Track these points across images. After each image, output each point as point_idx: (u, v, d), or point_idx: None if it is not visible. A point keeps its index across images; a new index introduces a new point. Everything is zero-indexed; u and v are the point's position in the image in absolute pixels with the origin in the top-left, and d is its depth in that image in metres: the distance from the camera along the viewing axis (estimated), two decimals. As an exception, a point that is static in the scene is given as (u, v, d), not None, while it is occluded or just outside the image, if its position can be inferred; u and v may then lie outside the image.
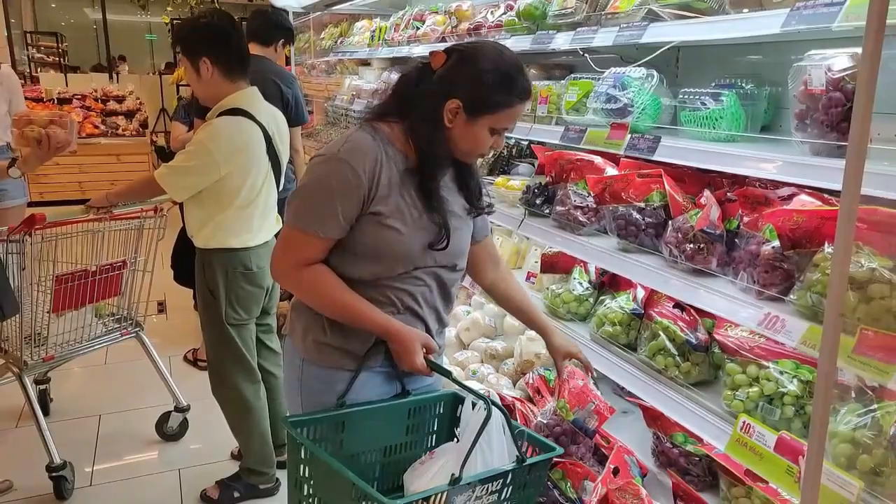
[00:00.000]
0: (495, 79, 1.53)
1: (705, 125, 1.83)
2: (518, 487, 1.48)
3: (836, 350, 1.19)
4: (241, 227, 2.57)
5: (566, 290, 2.41)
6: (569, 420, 2.01)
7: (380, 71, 4.44)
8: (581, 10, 2.19)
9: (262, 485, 2.86)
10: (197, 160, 2.44)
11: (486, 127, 1.57)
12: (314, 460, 1.48)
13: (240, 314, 2.67)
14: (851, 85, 1.44)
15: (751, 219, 1.72)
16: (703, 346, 1.88)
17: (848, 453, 1.42)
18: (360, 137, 1.58)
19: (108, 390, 3.85)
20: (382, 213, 1.57)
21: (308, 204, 1.57)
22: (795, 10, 1.46)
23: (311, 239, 1.57)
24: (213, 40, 2.46)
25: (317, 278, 1.60)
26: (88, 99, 9.21)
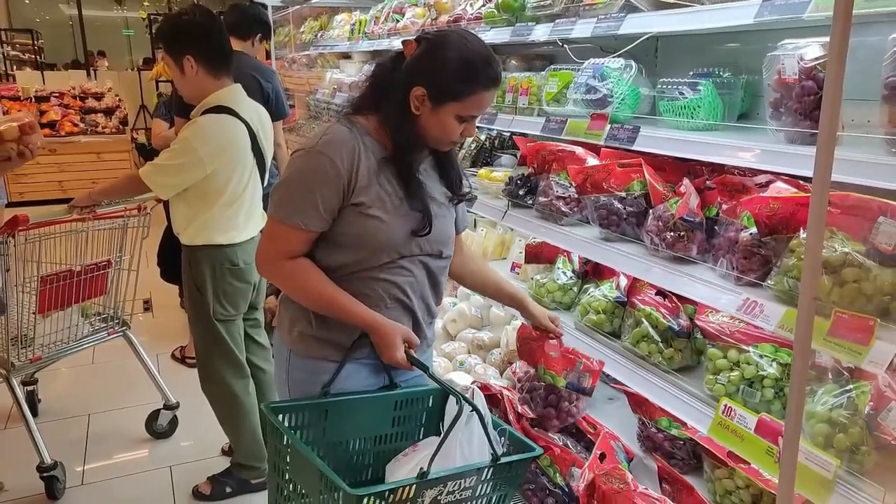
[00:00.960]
0: (458, 67, 1.54)
1: (684, 115, 1.86)
2: (494, 484, 1.50)
3: (811, 333, 1.23)
4: (226, 224, 2.58)
5: (550, 279, 2.44)
6: (562, 385, 2.00)
7: (360, 64, 4.43)
8: (559, 1, 2.21)
9: (254, 479, 2.88)
10: (182, 158, 2.44)
11: (451, 114, 1.58)
12: (291, 446, 1.50)
13: (227, 310, 2.68)
14: (823, 73, 1.47)
15: (729, 206, 1.75)
16: (685, 332, 1.91)
17: (825, 433, 1.46)
18: (338, 130, 1.61)
19: (96, 389, 3.84)
20: (364, 203, 1.59)
21: (289, 196, 1.59)
22: (768, 0, 1.49)
23: (292, 231, 1.59)
24: (197, 37, 2.45)
25: (300, 272, 1.63)
26: (66, 97, 9.10)
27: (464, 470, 1.43)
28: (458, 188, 1.78)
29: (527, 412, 2.18)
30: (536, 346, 2.05)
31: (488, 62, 1.57)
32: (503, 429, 1.54)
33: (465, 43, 1.58)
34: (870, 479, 1.37)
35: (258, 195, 2.72)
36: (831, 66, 1.07)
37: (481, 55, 1.57)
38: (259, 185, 2.71)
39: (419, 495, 1.37)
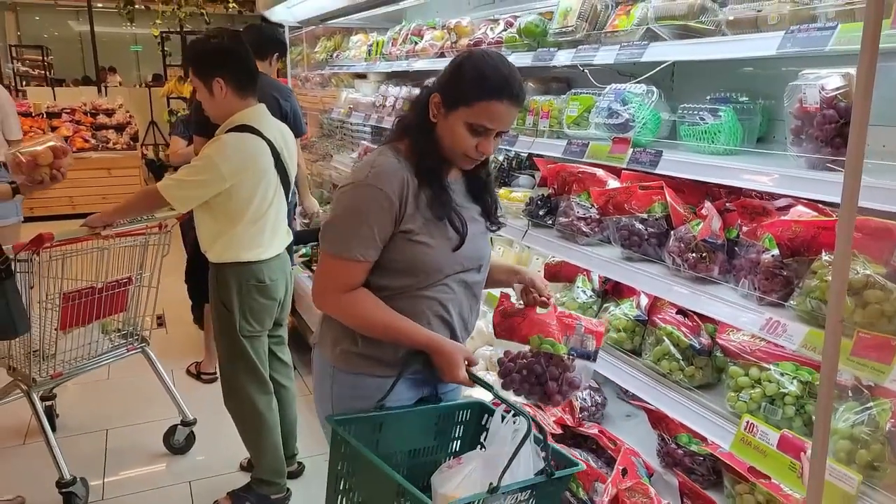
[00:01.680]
0: (471, 74, 1.60)
1: (704, 139, 1.92)
2: (542, 497, 1.57)
3: (838, 353, 1.28)
4: (252, 241, 2.64)
5: (570, 298, 2.48)
6: (564, 353, 1.77)
7: (376, 84, 4.51)
8: (581, 28, 2.28)
9: (274, 495, 2.91)
10: (204, 175, 2.50)
11: (461, 121, 1.62)
12: (356, 458, 1.57)
13: (253, 326, 2.73)
14: (844, 103, 1.53)
15: (750, 228, 1.80)
16: (706, 350, 1.96)
17: (847, 449, 1.50)
18: (385, 161, 1.66)
19: (113, 405, 3.89)
20: (412, 231, 1.65)
21: (345, 231, 1.64)
22: (790, 32, 1.55)
23: (352, 265, 1.65)
24: (226, 60, 2.53)
25: (360, 303, 1.68)
26: (78, 113, 9.21)
27: (526, 484, 1.50)
28: (494, 214, 1.85)
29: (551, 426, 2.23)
30: (523, 319, 1.85)
31: (503, 76, 1.60)
32: (545, 444, 1.59)
33: (485, 57, 1.64)
34: (890, 492, 1.42)
35: (283, 213, 2.78)
36: (858, 98, 1.13)
37: (497, 69, 1.61)
38: (284, 203, 2.77)
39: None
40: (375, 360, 1.75)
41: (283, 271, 2.80)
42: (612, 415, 2.61)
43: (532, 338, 1.78)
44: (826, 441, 1.32)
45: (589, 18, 2.29)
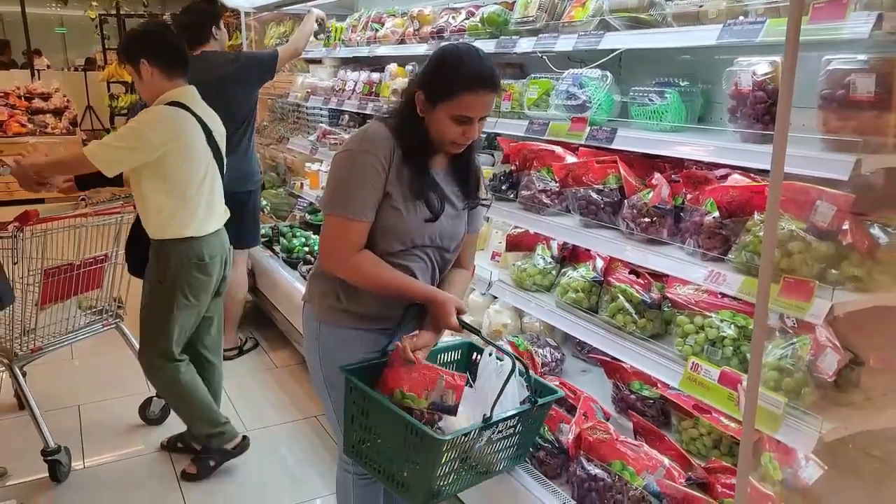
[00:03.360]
0: (449, 71, 1.78)
1: (653, 118, 2.19)
2: (528, 422, 1.81)
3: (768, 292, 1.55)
4: (190, 218, 2.73)
5: (531, 264, 2.73)
6: (424, 407, 1.82)
7: (332, 69, 4.64)
8: (541, 18, 2.51)
9: (227, 444, 3.03)
10: (132, 142, 2.61)
11: (446, 115, 1.79)
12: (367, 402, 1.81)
13: (190, 302, 2.82)
14: (772, 86, 1.81)
15: (693, 195, 2.08)
16: (656, 304, 2.23)
17: (775, 378, 1.79)
18: (376, 128, 1.87)
19: (81, 384, 3.94)
20: (392, 195, 1.85)
21: (348, 194, 1.82)
22: (727, 25, 1.82)
23: (356, 224, 1.83)
24: (149, 42, 2.70)
25: (366, 262, 1.87)
26: (12, 97, 8.95)
27: (514, 413, 1.77)
28: (475, 194, 2.04)
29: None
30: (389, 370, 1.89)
31: (476, 70, 1.77)
32: (528, 375, 1.83)
33: (462, 53, 1.81)
34: (811, 411, 1.71)
35: (218, 191, 2.89)
36: (784, 81, 1.39)
37: (471, 63, 1.78)
38: (219, 182, 2.88)
39: (479, 436, 1.70)
40: (357, 315, 1.95)
41: (221, 247, 2.90)
42: (569, 370, 2.88)
43: (395, 391, 1.83)
44: (759, 364, 1.60)
45: (548, 9, 2.52)
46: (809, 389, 1.76)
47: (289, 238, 4.68)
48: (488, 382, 1.82)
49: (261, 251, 4.77)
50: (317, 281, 2.01)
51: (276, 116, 5.96)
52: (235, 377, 4.03)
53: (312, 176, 4.68)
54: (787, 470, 1.87)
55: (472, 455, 1.79)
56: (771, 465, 1.90)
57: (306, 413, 3.61)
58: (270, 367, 4.23)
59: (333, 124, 4.72)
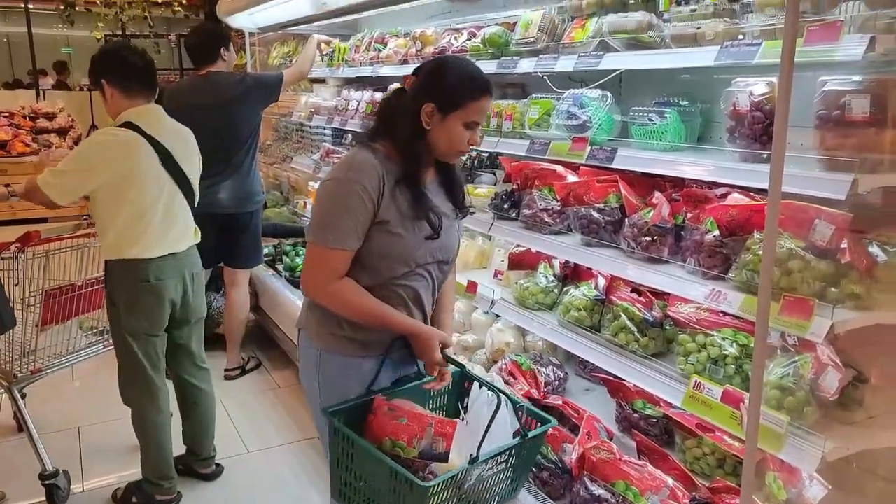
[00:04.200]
0: (459, 79, 1.85)
1: (653, 138, 2.21)
2: (521, 454, 1.80)
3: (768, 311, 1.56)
4: (137, 239, 2.68)
5: (533, 283, 2.74)
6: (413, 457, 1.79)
7: (336, 88, 4.69)
8: (542, 39, 2.54)
9: (159, 496, 2.94)
10: (76, 165, 2.63)
11: (459, 122, 1.84)
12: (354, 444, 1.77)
13: (139, 325, 2.76)
14: (769, 106, 1.82)
15: (693, 214, 2.09)
16: (658, 322, 2.24)
17: (777, 397, 1.79)
18: (363, 157, 1.85)
19: (82, 405, 3.93)
20: (389, 222, 1.85)
21: (330, 222, 1.82)
22: (724, 47, 1.84)
23: (336, 254, 1.83)
24: (108, 62, 2.72)
25: (348, 291, 1.86)
26: (17, 116, 9.02)
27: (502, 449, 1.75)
28: (463, 202, 2.08)
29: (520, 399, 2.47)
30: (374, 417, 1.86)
31: (481, 75, 1.88)
32: (522, 405, 1.82)
33: (460, 62, 1.94)
34: (813, 430, 1.71)
35: (178, 213, 2.81)
36: (780, 103, 1.41)
37: (475, 69, 1.90)
38: (179, 204, 2.81)
39: (469, 475, 1.68)
40: (359, 343, 1.94)
41: (178, 271, 2.81)
42: (572, 389, 2.87)
43: (384, 441, 1.80)
44: (761, 385, 1.60)
45: (548, 30, 2.55)
46: (812, 408, 1.76)
47: (291, 257, 4.69)
48: (480, 413, 1.80)
49: (263, 270, 4.78)
50: (313, 308, 2.00)
51: (279, 135, 6.01)
52: (237, 396, 4.03)
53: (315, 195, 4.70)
54: (792, 490, 1.87)
55: (464, 493, 1.76)
56: (775, 484, 1.90)
57: (308, 434, 3.60)
58: (273, 387, 4.22)
59: (337, 143, 4.76)
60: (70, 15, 10.06)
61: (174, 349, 3.00)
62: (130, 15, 9.93)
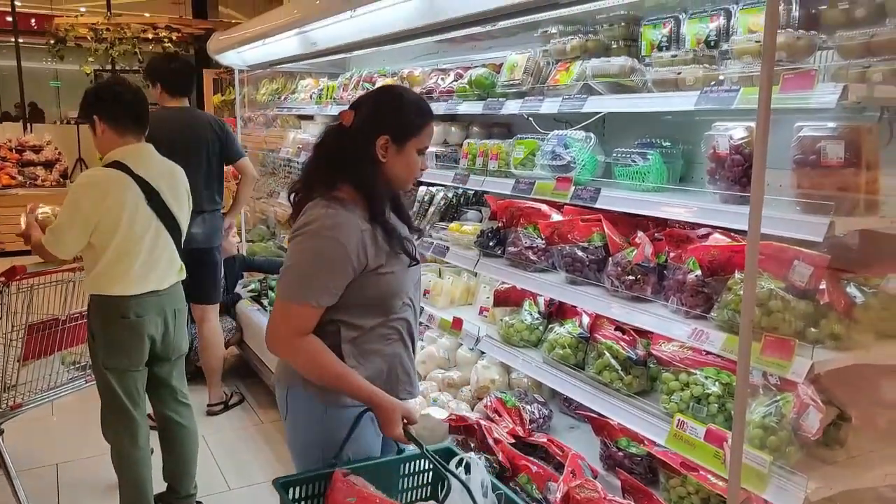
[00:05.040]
0: (411, 106, 1.87)
1: (636, 178, 2.25)
2: None
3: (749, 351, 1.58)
4: (118, 276, 2.69)
5: (518, 320, 2.75)
6: None
7: (323, 125, 4.73)
8: (527, 81, 2.60)
9: None
10: (68, 217, 2.63)
11: (414, 149, 1.86)
12: None
13: (118, 361, 2.75)
14: (748, 149, 1.87)
15: (676, 254, 2.13)
16: (642, 360, 2.25)
17: (760, 436, 1.81)
18: (339, 214, 1.77)
19: (60, 441, 3.87)
20: (381, 266, 1.82)
21: (301, 278, 1.77)
22: (704, 92, 1.89)
23: (307, 310, 1.77)
24: (101, 99, 2.73)
25: (313, 350, 1.79)
26: (3, 149, 9.01)
27: None
28: (412, 222, 2.09)
29: (505, 437, 2.47)
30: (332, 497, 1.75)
31: (424, 100, 1.94)
32: (501, 492, 1.76)
33: (403, 90, 1.96)
34: (796, 469, 1.72)
35: (162, 250, 2.80)
36: (757, 151, 1.45)
37: (419, 96, 1.97)
38: (164, 241, 2.80)
39: None
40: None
41: (159, 308, 2.81)
42: (557, 426, 2.87)
43: None
44: (743, 425, 1.61)
45: (533, 73, 2.61)
46: (794, 448, 1.78)
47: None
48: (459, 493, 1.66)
49: (248, 305, 4.76)
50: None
51: (267, 171, 6.04)
52: (220, 432, 3.98)
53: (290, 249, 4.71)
54: (776, 530, 1.87)
55: None
56: (759, 524, 1.90)
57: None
58: (256, 423, 4.18)
59: (323, 179, 4.78)
60: (60, 50, 10.12)
61: (155, 384, 2.97)
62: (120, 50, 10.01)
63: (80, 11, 11.87)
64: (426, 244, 3.16)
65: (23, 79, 10.60)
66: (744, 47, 1.93)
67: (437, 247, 3.08)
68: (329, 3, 3.45)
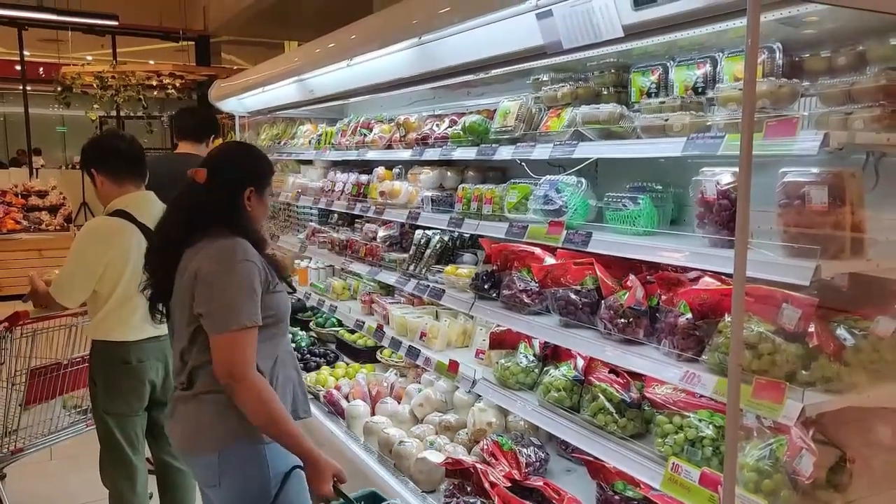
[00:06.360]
0: (261, 160, 2.17)
1: (627, 222, 2.28)
2: None
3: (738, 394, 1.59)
4: (120, 321, 2.75)
5: (514, 363, 2.76)
6: None
7: (322, 170, 4.80)
8: (519, 127, 2.65)
9: None
10: (75, 263, 2.71)
11: (268, 195, 2.16)
12: None
13: (118, 406, 2.80)
14: (735, 194, 1.91)
15: (667, 297, 2.15)
16: (636, 403, 2.25)
17: (754, 479, 1.80)
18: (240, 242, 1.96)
19: (59, 484, 3.84)
20: (275, 283, 2.02)
21: (241, 303, 1.89)
22: (691, 139, 1.94)
23: (253, 332, 1.91)
24: (99, 152, 2.84)
25: (262, 381, 1.91)
26: (9, 195, 9.12)
27: None
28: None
29: (501, 480, 2.46)
30: None
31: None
32: None
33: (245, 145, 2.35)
34: (790, 514, 1.71)
35: None
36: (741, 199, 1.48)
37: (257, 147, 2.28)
38: None
39: None
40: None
41: (160, 353, 2.85)
42: (554, 470, 2.85)
43: None
44: (734, 471, 1.61)
45: (525, 119, 2.66)
46: (789, 492, 1.77)
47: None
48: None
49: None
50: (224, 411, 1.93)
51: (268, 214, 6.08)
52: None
53: (301, 272, 4.75)
54: (773, 576, 1.85)
55: None
56: (756, 570, 1.88)
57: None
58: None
59: (322, 223, 4.83)
60: (66, 97, 10.32)
61: (154, 430, 2.98)
62: (125, 97, 10.20)
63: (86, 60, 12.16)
64: (422, 287, 3.19)
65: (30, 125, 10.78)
66: (729, 94, 1.98)
67: (434, 290, 3.10)
68: (327, 51, 3.54)
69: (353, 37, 3.37)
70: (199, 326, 1.94)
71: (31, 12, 10.03)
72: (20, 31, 11.16)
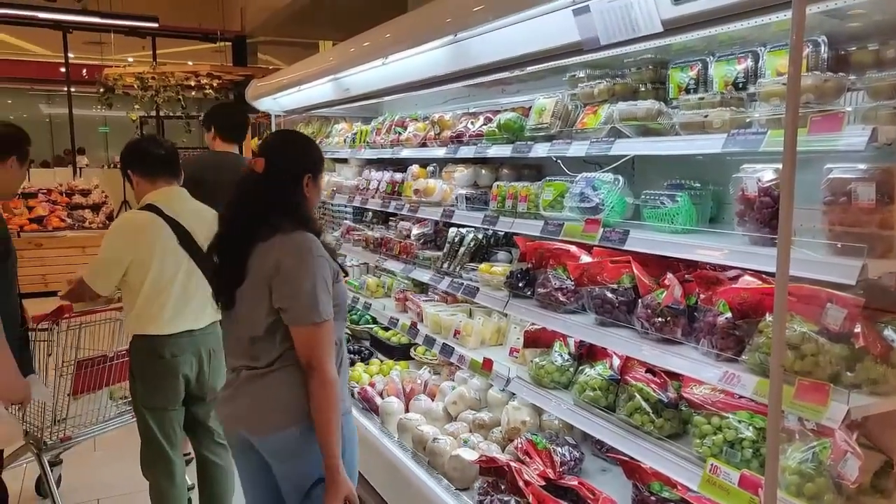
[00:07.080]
0: (313, 145, 2.23)
1: (665, 220, 2.25)
2: None
3: (781, 396, 1.56)
4: (154, 316, 2.82)
5: (548, 362, 2.74)
6: None
7: (357, 168, 4.83)
8: (555, 125, 2.63)
9: None
10: (106, 254, 2.81)
11: (322, 182, 2.21)
12: None
13: (155, 401, 2.88)
14: (777, 192, 1.87)
15: (706, 296, 2.11)
16: (673, 403, 2.22)
17: (796, 483, 1.76)
18: (311, 237, 2.06)
19: (103, 475, 3.94)
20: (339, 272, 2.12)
21: (320, 299, 1.99)
22: (731, 135, 1.90)
23: (331, 324, 2.03)
24: (133, 156, 2.98)
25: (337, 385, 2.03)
26: (54, 193, 9.37)
27: None
28: None
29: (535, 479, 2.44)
30: None
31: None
32: None
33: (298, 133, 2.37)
34: (833, 519, 1.67)
35: (195, 290, 2.89)
36: (784, 196, 1.45)
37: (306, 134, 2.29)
38: (199, 281, 2.87)
39: None
40: None
41: (194, 348, 2.91)
42: (589, 469, 2.83)
43: None
44: (776, 473, 1.58)
45: (561, 116, 2.64)
46: (833, 496, 1.73)
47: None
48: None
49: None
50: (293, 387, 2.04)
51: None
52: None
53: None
54: (815, 581, 1.81)
55: None
56: (797, 575, 1.84)
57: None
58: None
59: (357, 221, 4.86)
60: (109, 98, 10.56)
61: (194, 425, 3.05)
62: (165, 97, 10.40)
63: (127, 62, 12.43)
64: (456, 284, 3.19)
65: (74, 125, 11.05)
66: (771, 90, 1.93)
67: (468, 287, 3.10)
68: (362, 50, 3.55)
69: (388, 35, 3.38)
70: (278, 318, 2.03)
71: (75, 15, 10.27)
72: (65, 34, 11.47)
